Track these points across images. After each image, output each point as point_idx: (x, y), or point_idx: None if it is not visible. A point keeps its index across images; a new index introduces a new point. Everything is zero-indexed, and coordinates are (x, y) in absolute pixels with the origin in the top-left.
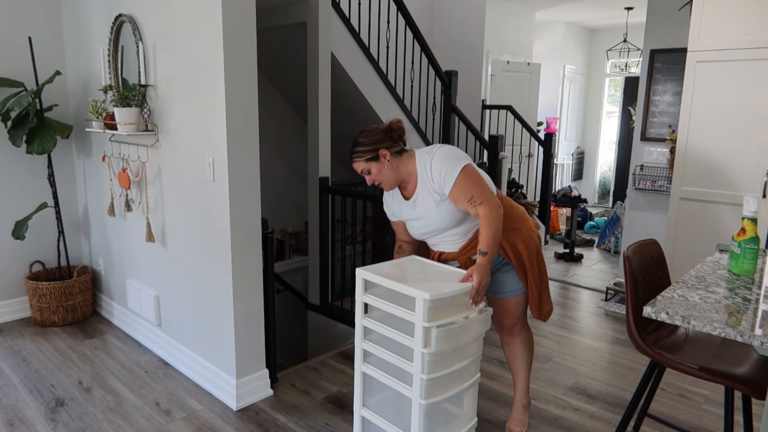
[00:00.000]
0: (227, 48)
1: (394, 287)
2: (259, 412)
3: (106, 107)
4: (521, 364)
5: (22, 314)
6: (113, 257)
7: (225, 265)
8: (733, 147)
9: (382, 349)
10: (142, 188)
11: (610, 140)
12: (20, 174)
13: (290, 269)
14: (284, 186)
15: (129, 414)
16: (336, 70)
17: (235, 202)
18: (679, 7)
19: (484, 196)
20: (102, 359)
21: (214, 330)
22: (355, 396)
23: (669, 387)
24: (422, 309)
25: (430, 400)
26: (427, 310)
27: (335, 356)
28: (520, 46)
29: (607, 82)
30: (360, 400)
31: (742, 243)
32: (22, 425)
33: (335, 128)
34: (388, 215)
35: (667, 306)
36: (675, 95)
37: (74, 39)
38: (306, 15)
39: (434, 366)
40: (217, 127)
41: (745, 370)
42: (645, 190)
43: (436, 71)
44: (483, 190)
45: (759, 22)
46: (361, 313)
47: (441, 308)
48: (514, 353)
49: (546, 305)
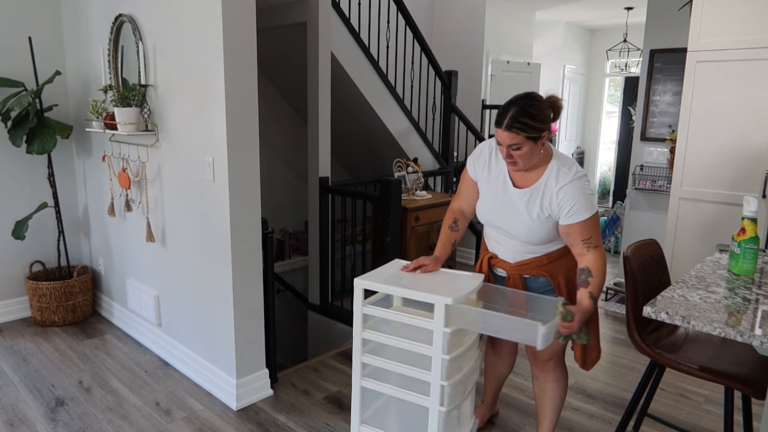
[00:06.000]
0: (227, 48)
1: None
2: (259, 412)
3: (106, 107)
4: (550, 404)
5: (22, 314)
6: (113, 257)
7: (225, 265)
8: (733, 147)
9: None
10: (142, 188)
11: (610, 140)
12: (20, 174)
13: (290, 269)
14: (284, 186)
15: (129, 414)
16: (336, 70)
17: (235, 202)
18: (679, 7)
19: (599, 240)
20: (102, 359)
21: (214, 330)
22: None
23: (669, 387)
24: (442, 314)
25: (451, 406)
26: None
27: (335, 356)
28: (520, 46)
29: (607, 82)
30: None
31: (742, 243)
32: (22, 425)
33: (335, 128)
34: (469, 170)
35: (667, 306)
36: (675, 95)
37: (74, 39)
38: (306, 15)
39: (451, 371)
40: (217, 127)
41: (745, 370)
42: (645, 190)
43: (436, 71)
44: (599, 234)
45: (759, 22)
46: (360, 326)
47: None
48: (543, 390)
49: (593, 353)
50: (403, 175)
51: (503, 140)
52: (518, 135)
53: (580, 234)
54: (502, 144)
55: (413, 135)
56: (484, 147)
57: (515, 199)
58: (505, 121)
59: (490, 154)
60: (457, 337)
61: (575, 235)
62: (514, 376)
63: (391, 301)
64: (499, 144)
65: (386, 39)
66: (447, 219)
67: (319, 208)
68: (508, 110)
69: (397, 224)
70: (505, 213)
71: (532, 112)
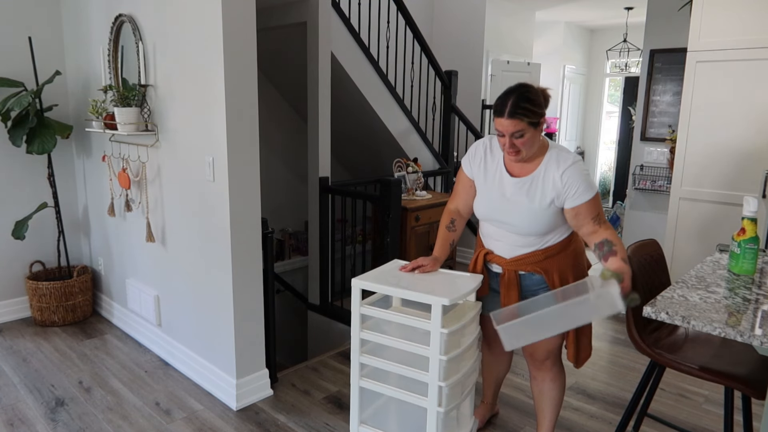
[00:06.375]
0: (227, 48)
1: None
2: (259, 412)
3: (106, 107)
4: (548, 403)
5: (22, 314)
6: (113, 257)
7: (225, 265)
8: (733, 147)
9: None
10: (142, 188)
11: (610, 140)
12: (20, 174)
13: (290, 269)
14: (284, 186)
15: (129, 414)
16: (336, 70)
17: (235, 202)
18: (679, 7)
19: (605, 217)
20: (102, 359)
21: (214, 330)
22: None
23: (669, 387)
24: (439, 315)
25: (449, 407)
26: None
27: (335, 356)
28: (520, 46)
29: (607, 82)
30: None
31: (742, 243)
32: (22, 425)
33: (335, 128)
34: (465, 170)
35: (667, 306)
36: (675, 95)
37: (74, 39)
38: (306, 15)
39: (449, 372)
40: (217, 127)
41: (745, 370)
42: (645, 190)
43: (436, 71)
44: (603, 212)
45: (759, 22)
46: (359, 326)
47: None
48: (541, 390)
49: (584, 352)
50: (403, 175)
51: (506, 129)
52: (521, 121)
53: (589, 212)
54: (504, 134)
55: (413, 135)
56: (479, 145)
57: (514, 190)
58: (507, 109)
59: (485, 151)
60: (455, 337)
61: (585, 214)
62: (513, 376)
63: (389, 302)
64: (500, 135)
65: (386, 39)
66: (444, 220)
67: (319, 208)
68: (508, 99)
69: (397, 224)
70: (504, 206)
71: (531, 97)
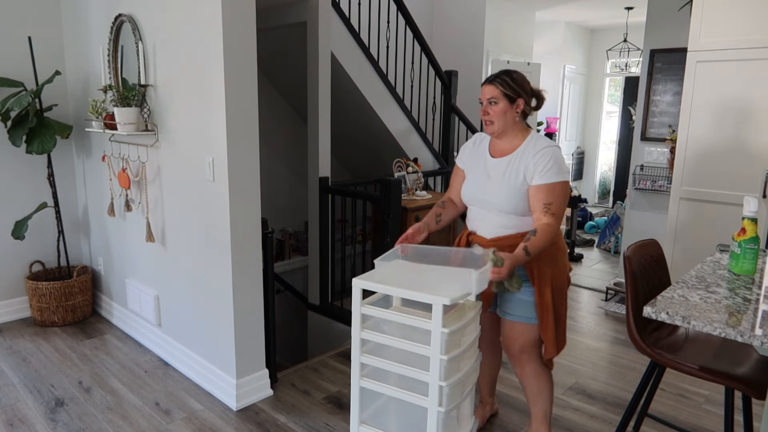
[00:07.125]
0: (227, 48)
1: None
2: (259, 412)
3: (106, 107)
4: (533, 398)
5: (22, 314)
6: (113, 257)
7: (225, 265)
8: (733, 147)
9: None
10: (141, 188)
11: (610, 140)
12: (20, 174)
13: (290, 269)
14: (284, 186)
15: (129, 414)
16: (336, 70)
17: (235, 202)
18: (679, 7)
19: (559, 211)
20: (102, 359)
21: (214, 330)
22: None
23: (669, 387)
24: (440, 315)
25: (449, 407)
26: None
27: (335, 356)
28: (520, 46)
29: (607, 82)
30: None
31: (742, 243)
32: (22, 425)
33: (335, 128)
34: (458, 162)
35: (667, 306)
36: (675, 95)
37: (74, 39)
38: (306, 15)
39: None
40: (217, 127)
41: (745, 370)
42: (645, 190)
43: (436, 71)
44: (561, 207)
45: (759, 21)
46: (359, 326)
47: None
48: (523, 384)
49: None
50: (403, 175)
51: (483, 95)
52: (497, 89)
53: (545, 197)
54: (482, 100)
55: (413, 135)
56: (470, 139)
57: (495, 169)
58: (489, 78)
59: (473, 142)
60: (456, 337)
61: (540, 196)
62: (513, 376)
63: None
64: (481, 104)
65: (386, 39)
66: (437, 203)
67: (319, 208)
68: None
69: (397, 224)
70: (485, 184)
71: (514, 75)
